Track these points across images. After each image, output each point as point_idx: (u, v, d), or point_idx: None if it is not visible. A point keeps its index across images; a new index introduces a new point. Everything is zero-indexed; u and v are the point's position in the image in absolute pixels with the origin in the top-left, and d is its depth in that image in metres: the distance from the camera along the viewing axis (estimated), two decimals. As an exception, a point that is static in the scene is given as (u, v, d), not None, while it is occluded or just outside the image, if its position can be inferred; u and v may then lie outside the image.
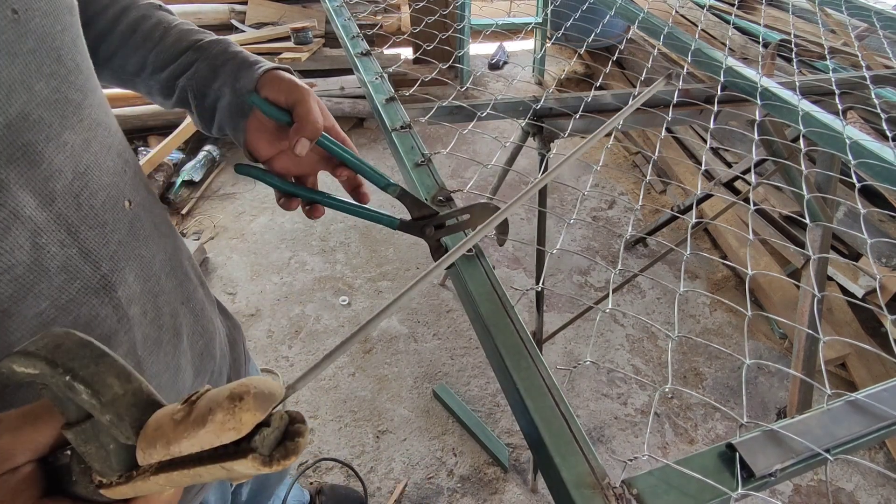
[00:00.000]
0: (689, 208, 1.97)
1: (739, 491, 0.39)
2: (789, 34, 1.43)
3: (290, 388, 0.28)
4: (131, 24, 0.56)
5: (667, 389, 0.41)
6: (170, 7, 0.60)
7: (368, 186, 0.58)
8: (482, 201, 0.55)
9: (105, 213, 0.43)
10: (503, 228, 0.58)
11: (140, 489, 0.27)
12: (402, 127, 0.75)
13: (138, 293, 0.47)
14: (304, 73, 2.86)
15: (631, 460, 0.40)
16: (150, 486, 0.27)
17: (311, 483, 1.46)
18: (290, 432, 0.26)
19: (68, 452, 0.29)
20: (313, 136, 0.50)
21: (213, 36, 0.57)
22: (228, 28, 2.91)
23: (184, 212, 2.30)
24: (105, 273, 0.43)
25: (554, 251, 0.49)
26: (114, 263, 0.44)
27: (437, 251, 0.57)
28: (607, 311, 0.50)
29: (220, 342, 0.65)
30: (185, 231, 2.25)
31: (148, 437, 0.26)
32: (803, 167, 0.85)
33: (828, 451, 0.41)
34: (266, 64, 0.54)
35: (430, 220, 0.55)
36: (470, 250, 0.55)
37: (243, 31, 2.85)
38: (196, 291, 0.59)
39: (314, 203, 0.55)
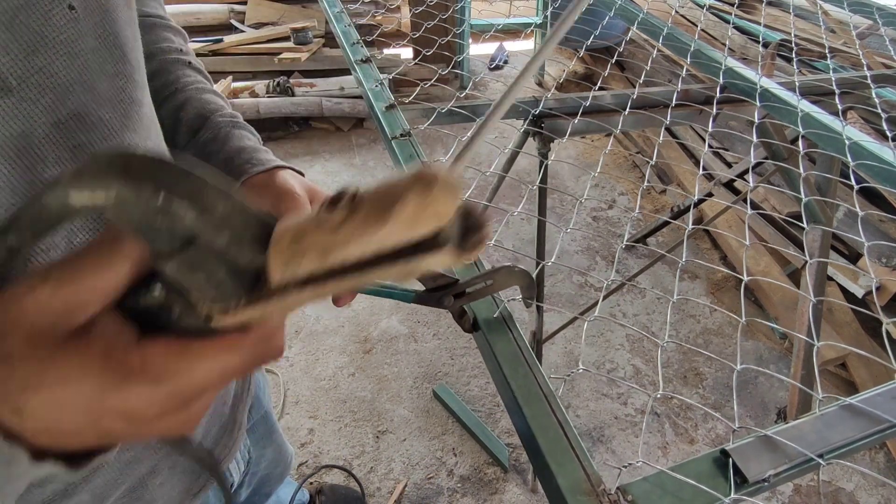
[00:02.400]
0: (687, 210, 1.97)
1: (732, 496, 0.39)
2: (789, 34, 1.43)
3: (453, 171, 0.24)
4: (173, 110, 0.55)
5: (658, 396, 0.41)
6: (170, 7, 0.59)
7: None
8: (507, 264, 0.51)
9: None
10: (531, 293, 0.53)
11: (272, 309, 0.24)
12: (401, 135, 0.75)
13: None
14: (304, 74, 2.87)
15: (625, 467, 0.40)
16: (293, 302, 0.24)
17: (311, 483, 1.47)
18: (469, 225, 0.24)
19: (155, 292, 0.25)
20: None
21: (226, 115, 0.55)
22: (228, 28, 2.90)
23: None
24: None
25: (549, 262, 0.50)
26: None
27: (462, 317, 0.54)
28: (592, 319, 0.51)
29: None
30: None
31: (289, 251, 0.22)
32: (802, 169, 0.85)
33: (821, 456, 0.42)
34: (259, 166, 0.49)
35: (448, 290, 0.50)
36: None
37: (243, 31, 2.85)
38: None
39: None
